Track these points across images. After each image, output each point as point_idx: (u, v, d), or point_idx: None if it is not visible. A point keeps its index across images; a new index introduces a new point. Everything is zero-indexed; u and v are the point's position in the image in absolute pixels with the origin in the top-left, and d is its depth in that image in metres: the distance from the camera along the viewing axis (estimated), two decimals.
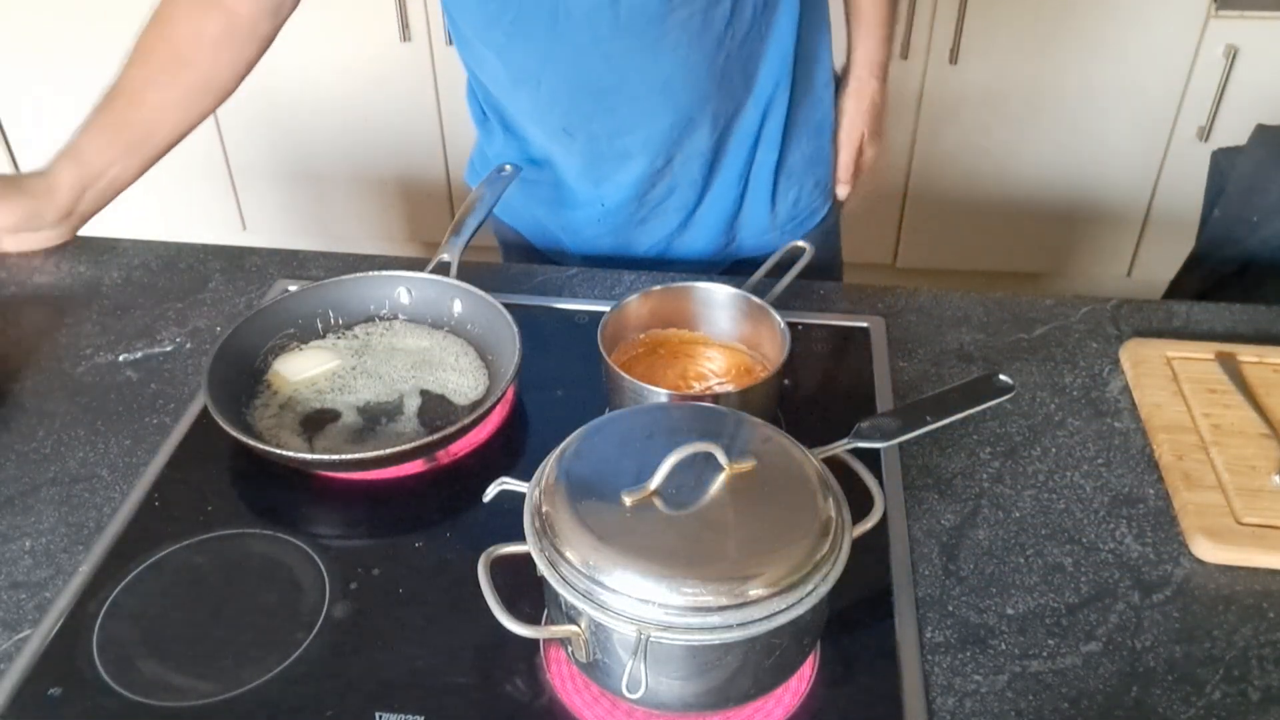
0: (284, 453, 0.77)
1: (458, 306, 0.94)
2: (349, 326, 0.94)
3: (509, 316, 0.88)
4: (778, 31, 1.00)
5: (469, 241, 0.96)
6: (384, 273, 0.95)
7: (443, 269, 0.94)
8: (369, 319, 0.94)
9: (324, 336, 0.93)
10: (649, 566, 0.57)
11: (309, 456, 0.79)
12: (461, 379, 0.89)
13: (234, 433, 0.77)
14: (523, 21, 0.94)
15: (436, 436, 0.77)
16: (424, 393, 0.88)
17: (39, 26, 2.28)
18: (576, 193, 1.10)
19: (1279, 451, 0.81)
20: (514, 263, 1.20)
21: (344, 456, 0.78)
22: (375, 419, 0.85)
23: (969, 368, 0.94)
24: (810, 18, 1.03)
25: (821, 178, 1.13)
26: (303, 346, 0.91)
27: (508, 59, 1.00)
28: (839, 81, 1.13)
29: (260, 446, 0.77)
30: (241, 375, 0.86)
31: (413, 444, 0.77)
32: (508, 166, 1.02)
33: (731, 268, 1.15)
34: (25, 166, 2.50)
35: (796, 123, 1.07)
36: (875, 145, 1.12)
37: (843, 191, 1.14)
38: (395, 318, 0.95)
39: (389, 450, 0.77)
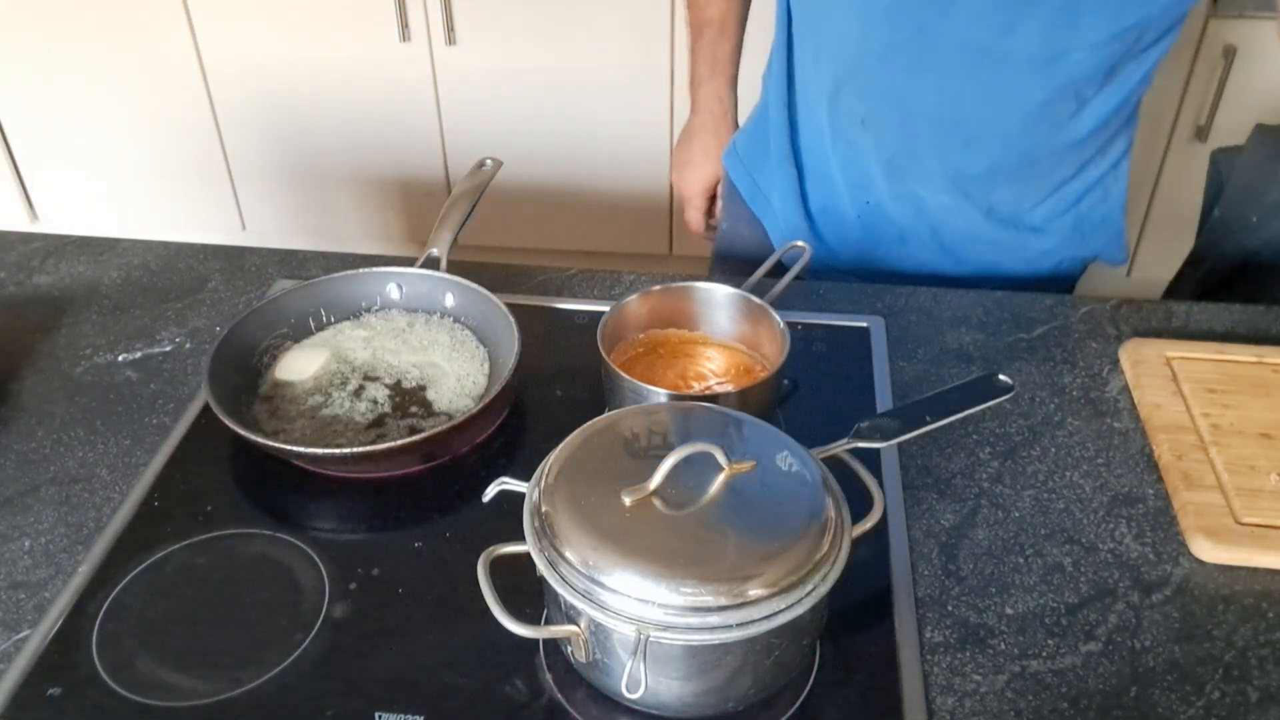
0: (290, 447, 0.77)
1: (450, 300, 0.94)
2: (342, 322, 0.95)
3: (503, 307, 0.88)
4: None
5: (457, 235, 0.96)
6: (374, 269, 0.95)
7: (432, 263, 0.94)
8: (361, 316, 0.95)
9: (316, 334, 0.93)
10: (649, 566, 0.57)
11: (319, 451, 0.79)
12: (463, 370, 0.89)
13: (240, 430, 0.77)
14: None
15: (441, 429, 0.77)
16: (424, 387, 0.88)
17: (39, 27, 2.28)
18: (839, 186, 1.10)
19: (1279, 451, 0.81)
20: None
21: (349, 450, 0.77)
22: (379, 417, 0.85)
23: (969, 368, 0.94)
24: None
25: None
26: (297, 345, 0.92)
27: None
28: None
29: (268, 443, 0.77)
30: (240, 377, 0.87)
31: (417, 437, 0.77)
32: (489, 160, 1.02)
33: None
34: (26, 167, 2.50)
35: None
36: None
37: None
38: (389, 311, 0.95)
39: (394, 443, 0.77)
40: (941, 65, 0.95)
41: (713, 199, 1.28)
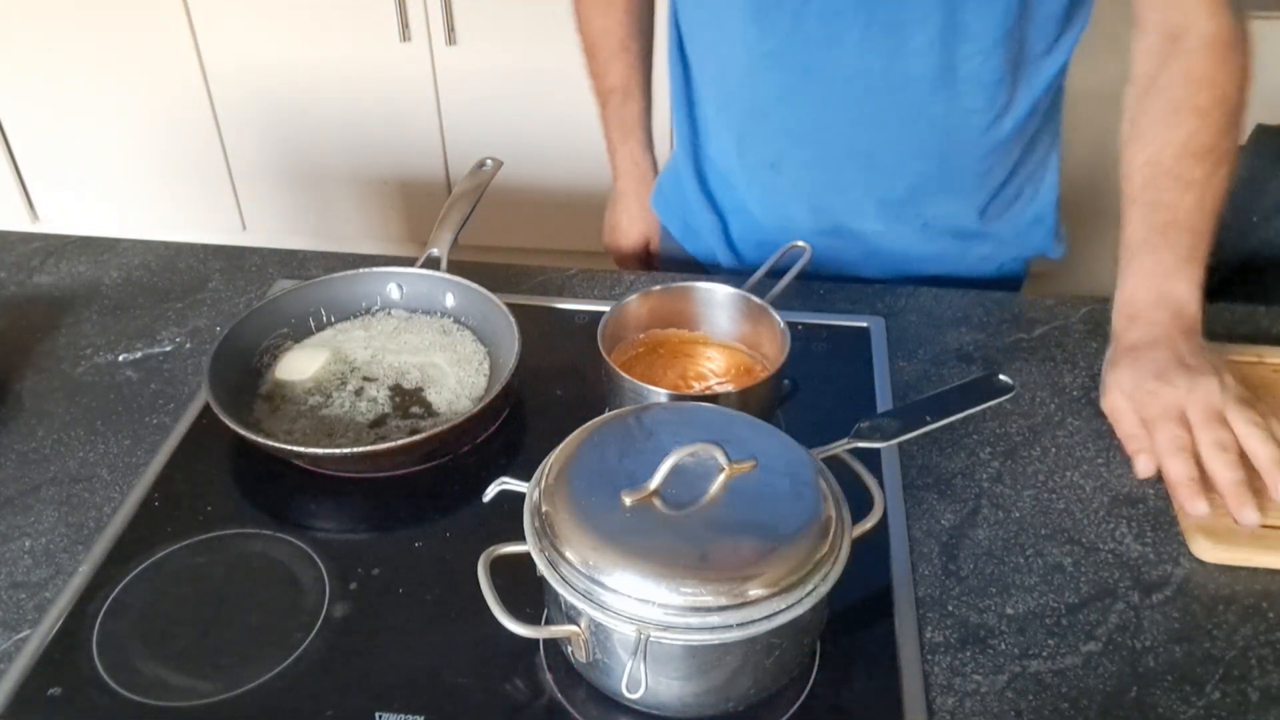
0: (290, 447, 0.77)
1: (450, 300, 0.94)
2: (342, 322, 0.95)
3: (504, 307, 0.88)
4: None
5: (457, 235, 0.96)
6: (374, 269, 0.95)
7: (432, 263, 0.94)
8: (361, 316, 0.95)
9: (316, 334, 0.93)
10: (649, 566, 0.57)
11: (319, 451, 0.79)
12: (463, 370, 0.89)
13: (241, 430, 0.77)
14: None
15: (441, 429, 0.77)
16: (424, 387, 0.88)
17: (39, 27, 2.28)
18: (763, 224, 1.10)
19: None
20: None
21: (349, 450, 0.77)
22: (379, 417, 0.85)
23: (969, 368, 0.94)
24: None
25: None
26: (297, 345, 0.92)
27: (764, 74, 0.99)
28: None
29: (269, 443, 0.77)
30: (240, 377, 0.87)
31: (417, 437, 0.77)
32: (489, 160, 1.02)
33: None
34: (26, 167, 2.50)
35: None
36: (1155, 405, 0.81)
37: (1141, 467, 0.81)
38: (389, 311, 0.95)
39: (394, 443, 0.77)
40: (842, 98, 0.95)
41: (649, 257, 1.28)
